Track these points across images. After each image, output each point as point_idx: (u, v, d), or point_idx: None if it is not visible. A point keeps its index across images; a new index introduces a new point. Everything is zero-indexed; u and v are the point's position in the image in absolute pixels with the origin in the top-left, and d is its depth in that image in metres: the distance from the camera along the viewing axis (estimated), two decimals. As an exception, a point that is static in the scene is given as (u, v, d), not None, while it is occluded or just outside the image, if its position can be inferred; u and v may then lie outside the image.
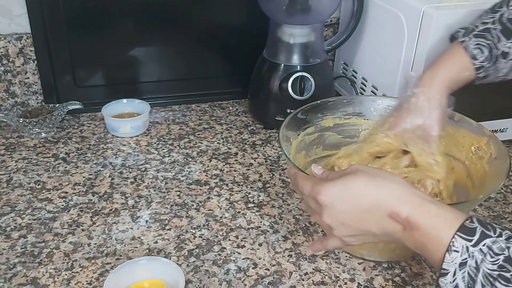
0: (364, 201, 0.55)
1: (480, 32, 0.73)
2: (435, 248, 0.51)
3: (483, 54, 0.72)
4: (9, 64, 1.06)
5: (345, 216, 0.56)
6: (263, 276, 0.69)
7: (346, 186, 0.56)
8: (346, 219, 0.56)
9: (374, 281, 0.69)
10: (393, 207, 0.54)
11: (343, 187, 0.56)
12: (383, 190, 0.55)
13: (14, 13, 1.04)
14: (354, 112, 0.83)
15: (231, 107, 1.16)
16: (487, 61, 0.73)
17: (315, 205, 0.58)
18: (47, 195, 0.84)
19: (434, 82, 0.72)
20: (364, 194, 0.55)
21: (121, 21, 1.08)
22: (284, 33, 1.02)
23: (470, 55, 0.72)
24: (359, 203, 0.55)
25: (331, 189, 0.56)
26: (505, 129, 0.98)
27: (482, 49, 0.72)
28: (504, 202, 0.87)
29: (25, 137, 1.01)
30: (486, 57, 0.72)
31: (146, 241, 0.75)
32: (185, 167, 0.93)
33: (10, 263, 0.70)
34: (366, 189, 0.55)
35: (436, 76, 0.72)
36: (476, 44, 0.72)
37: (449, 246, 0.49)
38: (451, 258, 0.49)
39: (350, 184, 0.56)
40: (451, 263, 0.49)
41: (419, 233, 0.52)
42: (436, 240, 0.51)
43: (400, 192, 0.55)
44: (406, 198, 0.54)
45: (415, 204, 0.53)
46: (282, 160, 0.96)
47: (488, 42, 0.73)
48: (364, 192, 0.55)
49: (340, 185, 0.56)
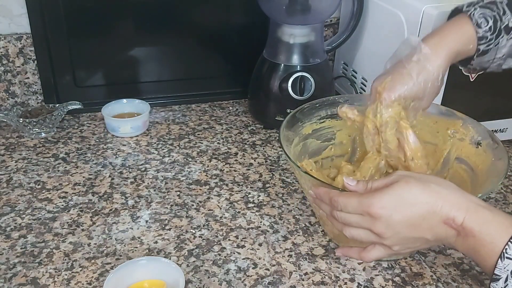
0: (421, 209, 0.55)
1: (486, 4, 0.71)
2: (487, 254, 0.52)
3: (488, 23, 0.69)
4: (9, 64, 1.06)
5: (401, 225, 0.56)
6: (263, 276, 0.69)
7: (401, 196, 0.55)
8: (402, 228, 0.56)
9: (374, 281, 0.69)
10: (449, 213, 0.54)
11: (398, 196, 0.55)
12: (438, 196, 0.55)
13: (14, 13, 1.04)
14: (327, 114, 0.83)
15: (231, 107, 1.16)
16: (491, 31, 0.70)
17: (362, 219, 0.57)
18: (47, 195, 0.84)
19: (438, 51, 0.69)
20: (420, 202, 0.55)
21: (121, 21, 1.08)
22: (284, 33, 1.02)
23: (474, 23, 0.70)
24: (417, 211, 0.55)
25: (385, 200, 0.56)
26: (505, 129, 0.98)
27: (486, 18, 0.70)
28: (504, 202, 0.87)
29: (25, 137, 1.01)
30: (490, 27, 0.70)
31: (146, 241, 0.75)
32: (185, 167, 0.93)
33: (10, 263, 0.70)
34: (422, 197, 0.55)
35: (443, 45, 0.69)
36: (481, 13, 0.70)
37: (502, 253, 0.50)
38: (503, 264, 0.50)
39: (406, 193, 0.55)
40: (503, 270, 0.50)
41: (473, 239, 0.53)
42: (490, 247, 0.52)
43: (455, 198, 0.55)
44: (462, 204, 0.54)
45: (470, 210, 0.54)
46: (282, 160, 0.96)
47: (493, 14, 0.70)
48: (420, 200, 0.55)
49: (395, 194, 0.56)
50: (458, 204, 0.54)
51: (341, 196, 0.59)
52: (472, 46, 0.70)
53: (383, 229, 0.56)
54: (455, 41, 0.70)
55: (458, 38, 0.70)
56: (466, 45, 0.70)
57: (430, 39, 0.70)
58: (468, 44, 0.70)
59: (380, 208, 0.55)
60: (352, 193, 0.59)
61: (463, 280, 0.70)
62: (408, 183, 0.56)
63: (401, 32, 0.92)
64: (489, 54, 0.71)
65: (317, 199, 0.63)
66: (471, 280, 0.70)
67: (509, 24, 0.70)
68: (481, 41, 0.70)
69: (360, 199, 0.57)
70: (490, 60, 0.72)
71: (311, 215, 0.81)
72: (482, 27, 0.69)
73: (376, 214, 0.56)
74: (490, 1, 0.71)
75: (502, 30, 0.70)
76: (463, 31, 0.70)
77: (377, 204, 0.56)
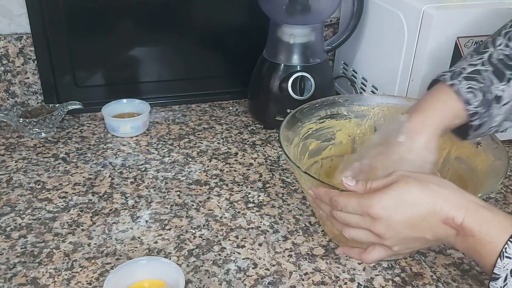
0: (421, 209, 0.55)
1: (470, 75, 0.66)
2: (487, 253, 0.52)
3: (477, 98, 0.64)
4: (9, 64, 1.06)
5: (401, 225, 0.56)
6: (263, 276, 0.69)
7: (401, 196, 0.55)
8: (402, 228, 0.56)
9: (374, 281, 0.69)
10: (448, 213, 0.54)
11: (398, 197, 0.55)
12: (438, 196, 0.55)
13: (14, 13, 1.04)
14: (327, 114, 0.83)
15: (231, 107, 1.16)
16: (482, 106, 0.65)
17: (362, 219, 0.57)
18: (47, 195, 0.84)
19: (425, 128, 0.66)
20: (420, 202, 0.55)
21: (121, 21, 1.08)
22: (284, 33, 1.02)
23: (463, 100, 0.64)
24: (417, 211, 0.55)
25: (385, 200, 0.55)
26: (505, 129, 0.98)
27: (475, 93, 0.64)
28: (504, 202, 0.87)
29: (25, 137, 1.01)
30: (481, 101, 0.64)
31: (146, 241, 0.75)
32: (185, 167, 0.93)
33: (10, 263, 0.70)
34: (422, 197, 0.55)
35: (428, 122, 0.66)
36: (468, 87, 0.65)
37: (501, 252, 0.50)
38: (502, 264, 0.50)
39: (405, 193, 0.55)
40: (502, 269, 0.50)
41: (473, 239, 0.53)
42: (489, 246, 0.52)
43: (455, 198, 0.55)
44: (462, 204, 0.54)
45: (470, 209, 0.54)
46: (282, 160, 0.96)
47: (480, 85, 0.65)
48: (420, 200, 0.55)
49: (395, 195, 0.55)
50: (458, 204, 0.54)
51: (341, 196, 0.59)
52: (459, 120, 0.66)
53: (383, 230, 0.56)
54: (441, 117, 0.66)
55: (443, 114, 0.66)
56: (454, 119, 0.66)
57: (416, 116, 0.67)
58: (455, 119, 0.66)
59: (380, 209, 0.55)
60: (352, 193, 0.59)
61: (463, 280, 0.70)
62: (407, 184, 0.56)
63: (401, 32, 0.92)
64: (484, 126, 0.67)
65: (317, 199, 0.63)
66: (471, 280, 0.70)
67: (498, 93, 0.65)
68: (474, 117, 0.65)
69: (360, 199, 0.57)
70: (485, 131, 0.68)
71: (311, 215, 0.81)
72: (472, 104, 0.64)
73: (376, 214, 0.56)
74: (474, 69, 0.66)
75: (492, 101, 0.65)
76: (448, 107, 0.66)
77: (377, 204, 0.56)
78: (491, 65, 0.66)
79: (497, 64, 0.66)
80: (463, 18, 0.85)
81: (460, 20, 0.85)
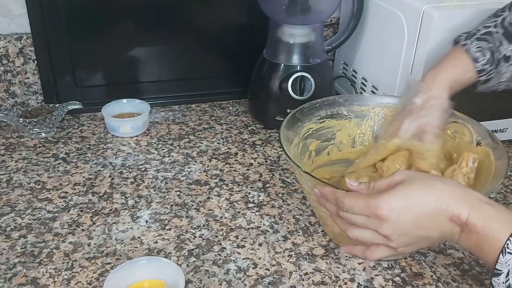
0: (429, 208, 0.55)
1: (482, 36, 0.74)
2: (490, 249, 0.52)
3: (485, 57, 0.73)
4: (9, 64, 1.06)
5: (408, 226, 0.56)
6: (263, 276, 0.69)
7: (407, 197, 0.55)
8: (408, 228, 0.56)
9: (374, 281, 0.69)
10: (454, 210, 0.54)
11: (404, 197, 0.55)
12: (443, 193, 0.55)
13: (14, 13, 1.04)
14: (327, 114, 0.83)
15: (231, 107, 1.16)
16: (489, 64, 0.73)
17: (369, 220, 0.57)
18: (47, 195, 0.84)
19: (436, 83, 0.72)
20: (428, 201, 0.55)
21: (121, 21, 1.08)
22: (284, 33, 1.02)
23: (471, 58, 0.73)
24: (423, 211, 0.55)
25: (392, 201, 0.55)
26: (505, 129, 0.98)
27: (483, 51, 0.73)
28: (504, 202, 0.87)
29: (25, 137, 1.01)
30: (488, 59, 0.73)
31: (146, 241, 0.75)
32: (185, 167, 0.93)
33: (10, 263, 0.70)
34: (429, 196, 0.55)
35: (438, 77, 0.73)
36: (478, 47, 0.73)
37: (503, 248, 0.51)
38: (505, 259, 0.51)
39: (411, 194, 0.55)
40: (504, 265, 0.50)
41: (477, 235, 0.53)
42: (492, 242, 0.52)
43: (459, 194, 0.55)
44: (466, 200, 0.55)
45: (474, 206, 0.54)
46: (282, 160, 0.96)
47: (489, 45, 0.73)
48: (427, 199, 0.55)
49: (401, 196, 0.55)
50: (463, 200, 0.55)
51: (347, 197, 0.59)
52: (469, 75, 0.74)
53: (390, 231, 0.56)
54: (451, 72, 0.73)
55: (453, 69, 0.74)
56: (463, 74, 0.74)
57: (428, 73, 0.74)
58: (465, 73, 0.74)
59: (389, 210, 0.55)
60: (358, 194, 0.59)
61: (463, 280, 0.70)
62: (413, 183, 0.56)
63: (401, 32, 0.92)
64: (492, 81, 0.75)
65: (322, 198, 0.63)
66: (471, 280, 0.70)
67: (507, 53, 0.73)
68: (481, 73, 0.74)
69: (367, 200, 0.56)
70: (495, 85, 0.76)
71: (311, 215, 0.81)
72: (480, 61, 0.73)
73: (384, 215, 0.55)
74: (486, 31, 0.75)
75: (500, 59, 0.74)
76: (459, 62, 0.74)
77: (383, 205, 0.55)
78: (503, 28, 0.74)
79: (508, 27, 0.74)
80: (463, 18, 0.85)
81: (460, 20, 0.85)
